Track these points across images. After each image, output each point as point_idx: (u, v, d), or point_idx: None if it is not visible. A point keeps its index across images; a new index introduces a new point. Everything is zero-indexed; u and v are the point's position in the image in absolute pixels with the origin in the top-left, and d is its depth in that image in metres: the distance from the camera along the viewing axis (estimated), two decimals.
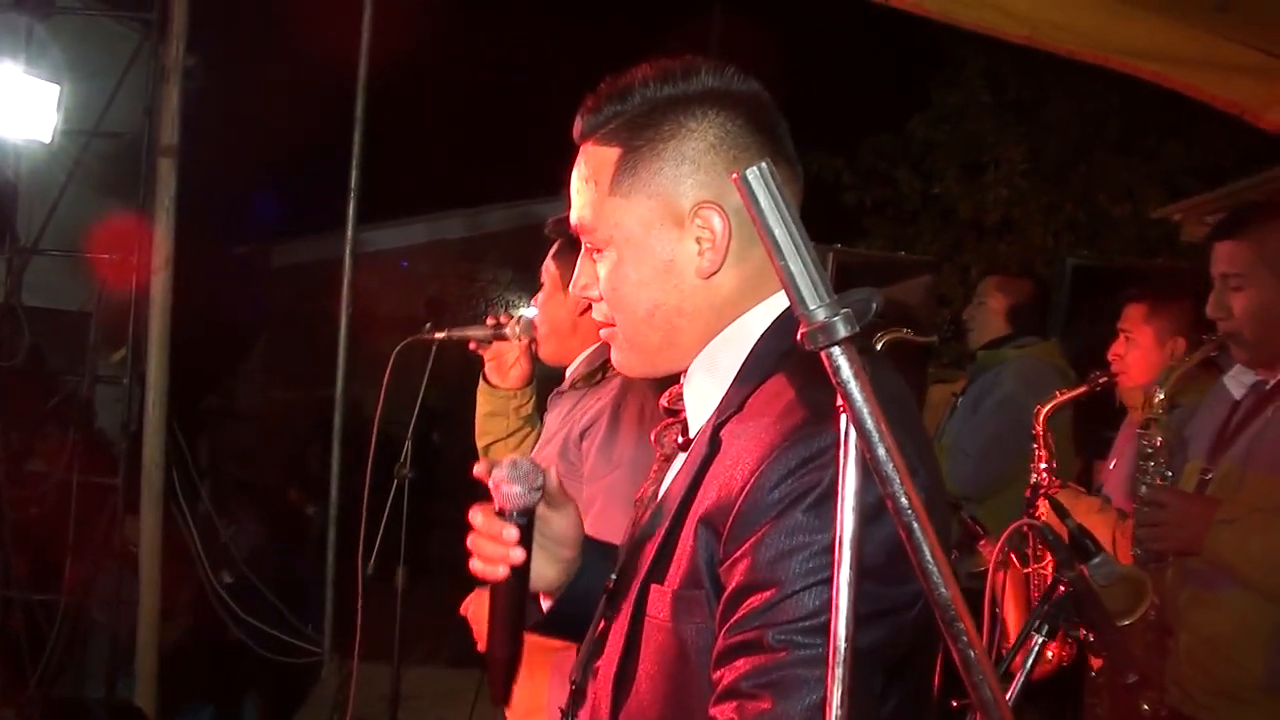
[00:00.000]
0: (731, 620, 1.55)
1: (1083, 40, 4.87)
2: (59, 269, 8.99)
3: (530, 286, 3.58)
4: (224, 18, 8.98)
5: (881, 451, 1.01)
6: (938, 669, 1.75)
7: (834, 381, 1.03)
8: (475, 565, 1.87)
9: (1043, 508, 4.05)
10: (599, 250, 1.82)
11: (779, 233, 1.02)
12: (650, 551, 1.74)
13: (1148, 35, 4.77)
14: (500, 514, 1.83)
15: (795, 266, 1.01)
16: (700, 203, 1.71)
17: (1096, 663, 3.74)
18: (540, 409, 3.76)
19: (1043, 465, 4.35)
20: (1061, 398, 4.43)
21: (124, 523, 7.51)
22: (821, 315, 1.02)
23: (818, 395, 1.57)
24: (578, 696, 1.89)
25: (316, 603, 7.96)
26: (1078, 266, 7.02)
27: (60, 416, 8.37)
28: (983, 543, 4.24)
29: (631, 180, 1.75)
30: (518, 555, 1.81)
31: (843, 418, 1.03)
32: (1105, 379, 4.39)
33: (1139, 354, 4.43)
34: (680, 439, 1.84)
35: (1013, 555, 4.55)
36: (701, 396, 1.79)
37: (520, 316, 3.64)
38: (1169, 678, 3.44)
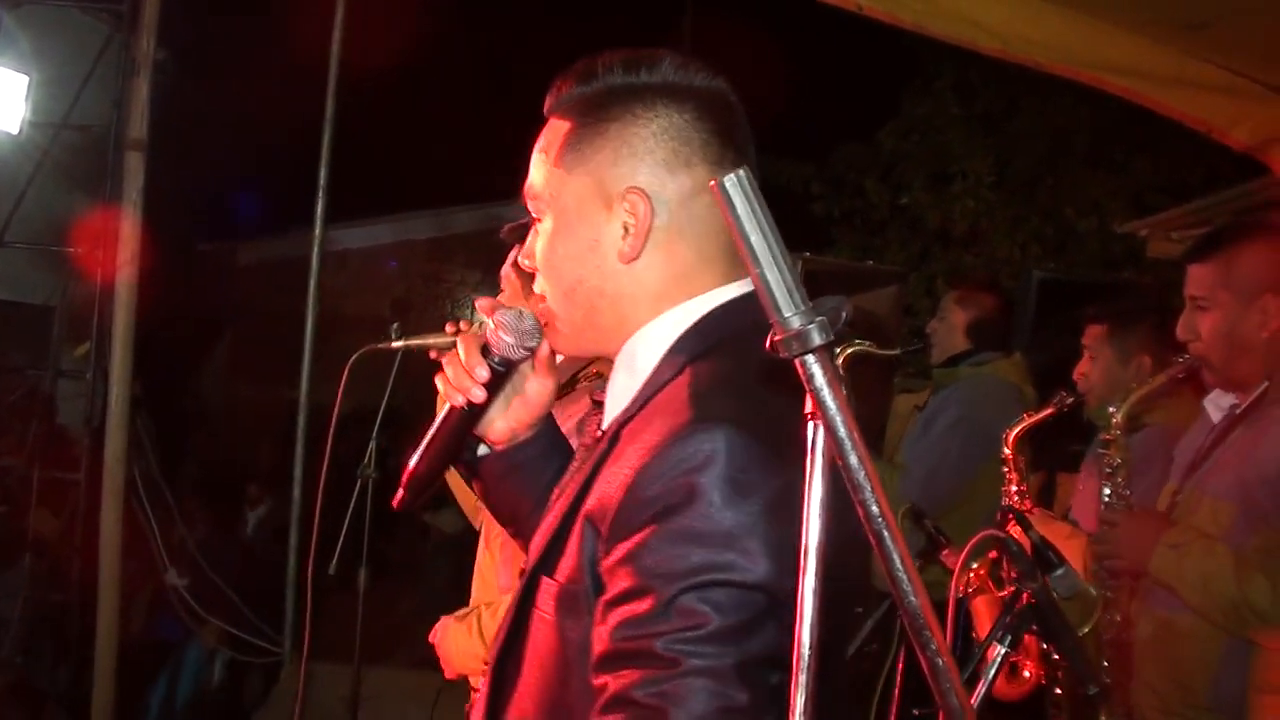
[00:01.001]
0: (614, 624, 1.54)
1: (1054, 54, 4.90)
2: (24, 261, 8.93)
3: (496, 287, 3.55)
4: (196, 12, 8.94)
5: (854, 459, 1.02)
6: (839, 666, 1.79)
7: (808, 389, 1.04)
8: (440, 383, 1.92)
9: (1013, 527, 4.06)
10: (539, 219, 1.85)
11: (755, 240, 1.02)
12: (543, 543, 1.75)
13: (1119, 51, 4.81)
14: (484, 350, 1.90)
15: (771, 274, 1.02)
16: (630, 188, 1.72)
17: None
18: None
19: (1014, 489, 4.33)
20: (1029, 420, 4.40)
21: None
22: (796, 323, 1.02)
23: (712, 399, 1.59)
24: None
25: (276, 603, 7.93)
26: (1044, 280, 7.04)
27: (22, 410, 8.32)
28: (946, 552, 4.25)
29: (575, 155, 1.77)
30: (478, 395, 1.88)
31: (812, 424, 1.04)
32: (1072, 399, 4.38)
33: (1102, 373, 4.44)
34: (598, 432, 1.85)
35: (989, 581, 4.59)
36: (617, 392, 1.80)
37: (481, 322, 3.61)
38: (1132, 696, 3.46)
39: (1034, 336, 6.52)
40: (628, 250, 1.73)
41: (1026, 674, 3.67)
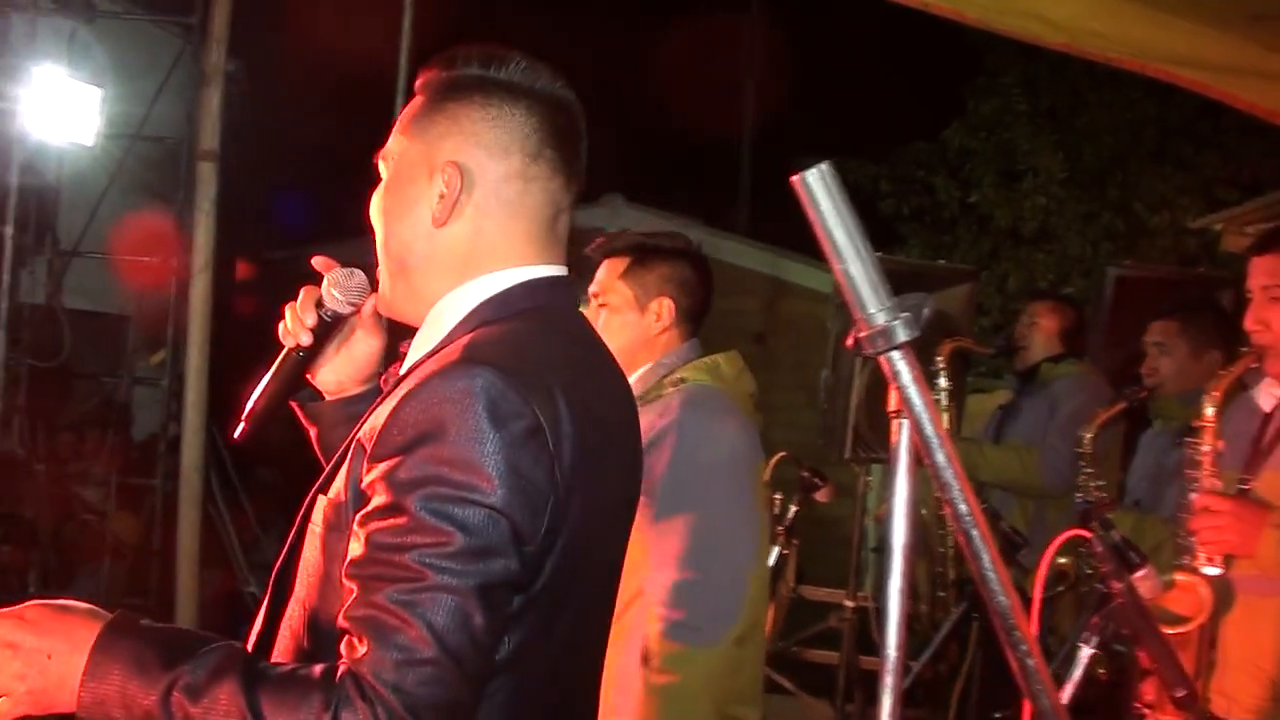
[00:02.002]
0: (366, 535, 1.67)
1: (1121, 48, 4.83)
2: (99, 272, 9.05)
3: None
4: (265, 23, 9.03)
5: (940, 457, 1.01)
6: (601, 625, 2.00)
7: (893, 386, 1.03)
8: (280, 326, 2.12)
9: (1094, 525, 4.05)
10: (382, 170, 2.02)
11: (839, 235, 1.01)
12: (326, 467, 1.96)
13: (1186, 43, 4.74)
14: (317, 304, 2.09)
15: (855, 269, 1.01)
16: (450, 161, 1.90)
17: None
18: None
19: (1094, 485, 4.37)
20: (1104, 416, 4.43)
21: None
22: (881, 319, 1.01)
23: (483, 347, 1.77)
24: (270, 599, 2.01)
25: None
26: (1120, 276, 6.96)
27: (99, 418, 8.43)
28: (1023, 553, 4.22)
29: (417, 126, 1.96)
30: (305, 339, 2.09)
31: (902, 422, 1.03)
32: (1144, 393, 4.39)
33: (1176, 368, 4.47)
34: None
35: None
36: (418, 345, 1.96)
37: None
38: (1214, 688, 3.41)
39: (1110, 333, 6.48)
40: (438, 215, 1.90)
41: (1101, 673, 3.62)
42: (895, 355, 1.02)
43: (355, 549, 1.68)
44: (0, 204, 6.45)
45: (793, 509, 4.98)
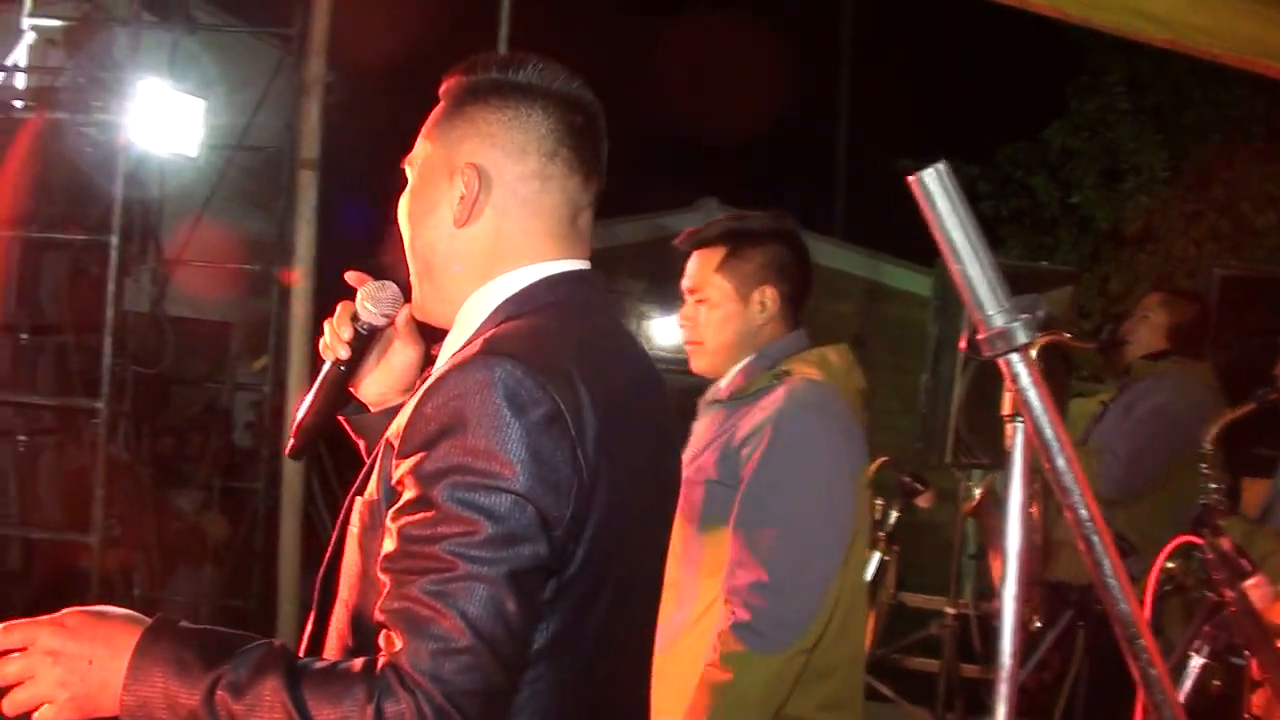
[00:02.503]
0: (398, 529, 1.70)
1: (1227, 44, 4.74)
2: (203, 279, 9.19)
3: (661, 297, 3.51)
4: (363, 32, 9.12)
5: (1061, 461, 0.98)
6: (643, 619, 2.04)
7: (1012, 389, 1.00)
8: (320, 343, 2.17)
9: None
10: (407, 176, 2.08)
11: (956, 235, 0.99)
12: (362, 470, 2.01)
13: None
14: (353, 318, 2.13)
15: (973, 270, 0.98)
16: (469, 163, 1.95)
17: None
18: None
19: (1213, 486, 4.25)
20: (1231, 415, 4.32)
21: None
22: (1000, 321, 0.99)
23: (501, 340, 1.81)
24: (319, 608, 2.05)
25: None
26: (1226, 277, 6.83)
27: (201, 423, 8.56)
28: (1130, 560, 4.15)
29: (439, 130, 2.02)
30: (343, 352, 2.13)
31: (1017, 425, 1.01)
32: (1275, 395, 4.28)
33: None
34: None
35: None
36: (448, 346, 2.01)
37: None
38: None
39: (1218, 335, 6.35)
40: (459, 216, 1.95)
41: (1215, 684, 3.55)
42: (1015, 358, 0.99)
43: (388, 545, 1.71)
44: (105, 214, 6.55)
45: (894, 514, 4.94)
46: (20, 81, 7.51)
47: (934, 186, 1.02)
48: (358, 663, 1.66)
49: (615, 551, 1.83)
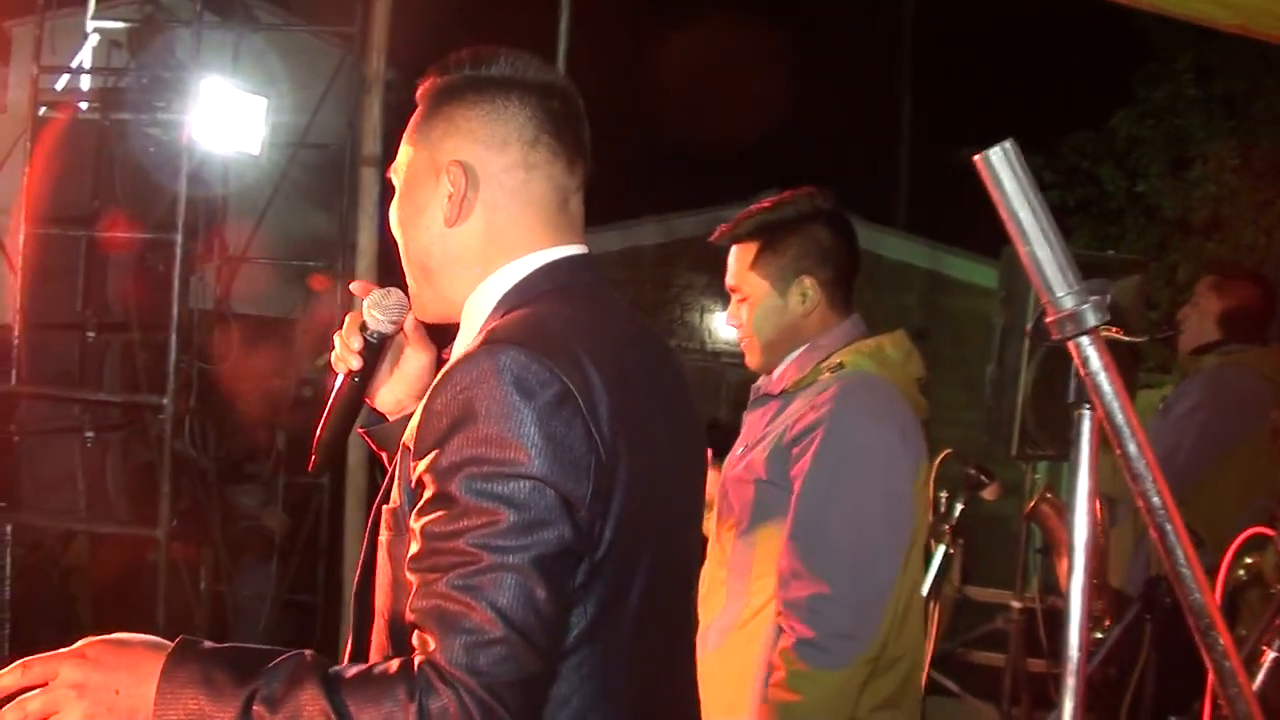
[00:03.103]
0: (421, 527, 1.70)
1: None
2: (266, 277, 9.25)
3: (723, 291, 3.43)
4: (423, 29, 9.14)
5: (1133, 448, 0.95)
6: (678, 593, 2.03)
7: (1082, 373, 0.98)
8: (332, 355, 2.17)
9: None
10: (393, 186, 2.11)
11: (1024, 216, 0.96)
12: (386, 480, 1.99)
13: None
14: (361, 328, 2.12)
15: (1042, 252, 0.96)
16: (453, 161, 1.96)
17: None
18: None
19: None
20: None
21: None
22: (1069, 303, 0.96)
23: (503, 330, 1.81)
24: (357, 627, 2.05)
25: None
26: None
27: (266, 419, 8.62)
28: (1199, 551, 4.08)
29: (420, 134, 2.03)
30: (354, 363, 2.11)
31: (1083, 413, 0.98)
32: None
33: None
34: None
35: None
36: (458, 346, 2.01)
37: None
38: None
39: None
40: (449, 215, 1.96)
41: None
42: (1084, 340, 0.96)
43: (413, 546, 1.72)
44: (170, 213, 6.61)
45: (959, 507, 4.88)
46: (85, 83, 7.59)
47: (1000, 166, 0.99)
48: (394, 664, 1.65)
49: (644, 530, 1.84)
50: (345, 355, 2.14)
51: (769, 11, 17.42)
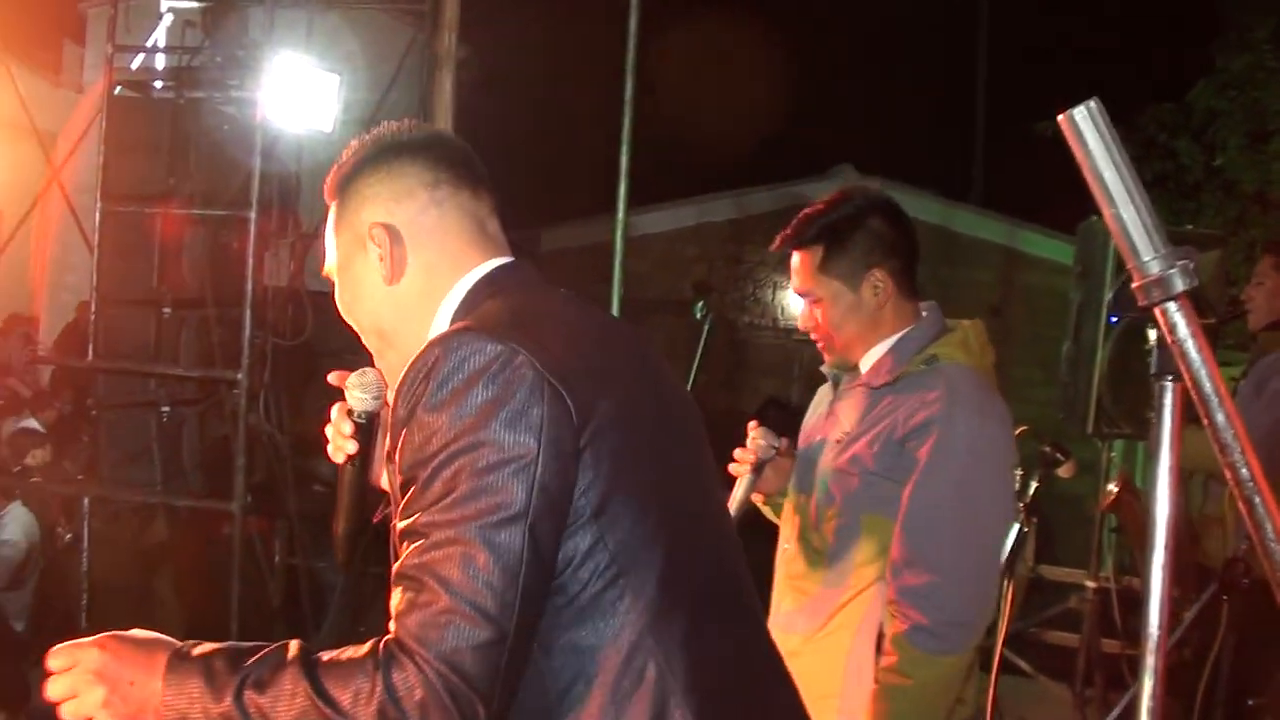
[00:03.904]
0: (397, 517, 1.84)
1: None
2: None
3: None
4: (495, 7, 9.16)
5: (1221, 417, 0.92)
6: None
7: (1169, 339, 0.95)
8: (329, 448, 2.25)
9: None
10: (332, 284, 2.21)
11: (1109, 176, 0.93)
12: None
13: None
14: (349, 413, 2.20)
15: (1127, 213, 0.93)
16: (372, 224, 2.09)
17: None
18: None
19: None
20: None
21: None
22: (1156, 268, 0.93)
23: (450, 330, 1.90)
24: None
25: None
26: None
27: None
28: None
29: (338, 221, 2.16)
30: (350, 447, 2.20)
31: (1165, 385, 0.95)
32: None
33: None
34: None
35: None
36: None
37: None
38: None
39: None
40: (386, 273, 2.08)
41: None
42: (1171, 306, 0.93)
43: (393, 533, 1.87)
44: (244, 190, 6.65)
45: (1034, 485, 4.82)
46: (160, 62, 7.65)
47: (1085, 125, 0.96)
48: (365, 645, 1.77)
49: (643, 487, 1.89)
50: (341, 444, 2.22)
51: None
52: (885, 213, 3.28)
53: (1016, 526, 4.76)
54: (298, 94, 6.96)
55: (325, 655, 1.78)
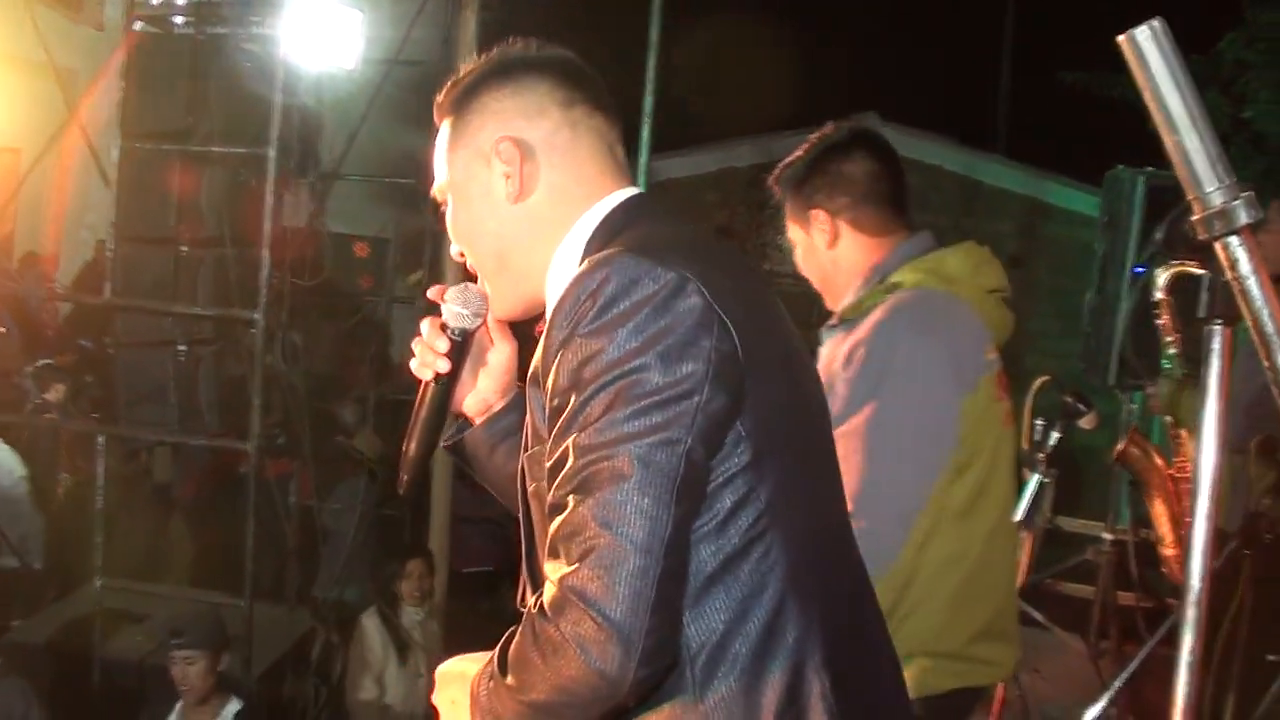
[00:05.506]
0: (550, 442, 1.73)
1: None
2: (360, 194, 9.26)
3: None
4: None
5: None
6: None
7: (1230, 276, 0.90)
8: (413, 363, 2.15)
9: None
10: (444, 205, 2.12)
11: (1173, 103, 0.89)
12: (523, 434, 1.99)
13: None
14: (442, 328, 2.11)
15: (1190, 142, 0.88)
16: (498, 139, 1.99)
17: None
18: None
19: None
20: None
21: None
22: (1219, 199, 0.89)
23: (607, 249, 1.78)
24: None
25: None
26: None
27: (360, 336, 8.67)
28: None
29: (453, 141, 2.06)
30: (443, 365, 2.11)
31: (1215, 329, 0.91)
32: None
33: None
34: None
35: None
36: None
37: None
38: None
39: None
40: (513, 191, 1.98)
41: None
42: (1234, 240, 0.89)
43: (549, 465, 1.74)
44: (264, 128, 6.59)
45: (1055, 436, 4.78)
46: None
47: (1148, 46, 0.91)
48: (532, 602, 1.70)
49: (787, 427, 1.82)
50: (430, 360, 2.13)
51: None
52: (849, 149, 3.16)
53: (1036, 477, 4.75)
54: (320, 31, 6.88)
55: (511, 645, 1.74)
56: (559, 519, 1.66)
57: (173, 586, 7.30)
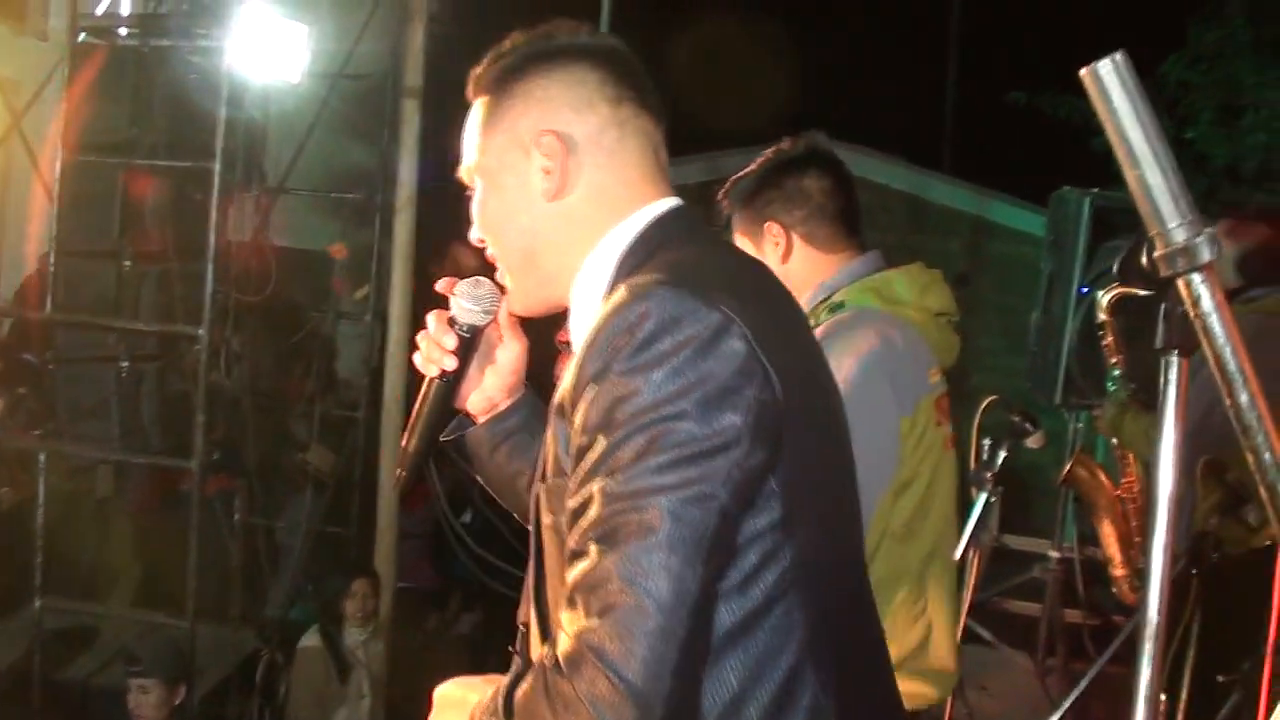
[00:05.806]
0: (573, 481, 1.61)
1: None
2: (305, 208, 9.20)
3: None
4: None
5: (1244, 397, 0.88)
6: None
7: (1193, 314, 0.89)
8: (417, 358, 2.09)
9: None
10: (472, 189, 2.00)
11: (1135, 138, 0.88)
12: (537, 459, 1.92)
13: None
14: (450, 323, 2.04)
15: (1153, 177, 0.88)
16: (541, 131, 1.87)
17: None
18: None
19: None
20: None
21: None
22: (1182, 236, 0.88)
23: (646, 276, 1.66)
24: (525, 636, 1.94)
25: None
26: None
27: (304, 351, 8.60)
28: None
29: (490, 122, 1.93)
30: (449, 362, 2.04)
31: (1170, 360, 0.90)
32: None
33: None
34: None
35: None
36: (580, 322, 1.88)
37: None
38: None
39: None
40: (551, 187, 1.87)
41: None
42: (1196, 277, 0.88)
43: (570, 505, 1.61)
44: (209, 141, 6.53)
45: (1002, 455, 4.79)
46: (125, 8, 7.53)
47: (1110, 80, 0.91)
48: (545, 651, 1.60)
49: (822, 473, 1.76)
50: (436, 355, 2.06)
51: None
52: (802, 166, 3.15)
53: (984, 496, 4.75)
54: (266, 44, 6.84)
55: (517, 691, 1.63)
56: (580, 567, 1.55)
57: (115, 606, 7.21)
